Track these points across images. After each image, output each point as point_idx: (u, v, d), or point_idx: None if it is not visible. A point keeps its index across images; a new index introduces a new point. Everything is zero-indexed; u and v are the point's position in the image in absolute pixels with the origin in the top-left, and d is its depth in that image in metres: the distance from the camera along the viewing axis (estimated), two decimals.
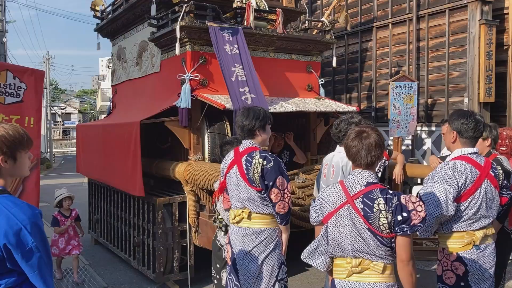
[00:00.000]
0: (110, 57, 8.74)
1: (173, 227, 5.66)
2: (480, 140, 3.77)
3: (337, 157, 3.94)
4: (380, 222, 2.37)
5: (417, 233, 2.73)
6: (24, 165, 2.22)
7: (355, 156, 2.50)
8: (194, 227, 5.52)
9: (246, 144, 3.59)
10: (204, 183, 5.02)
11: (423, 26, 9.15)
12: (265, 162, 3.42)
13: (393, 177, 5.09)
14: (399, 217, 2.36)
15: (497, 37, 8.31)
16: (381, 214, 2.37)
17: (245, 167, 3.48)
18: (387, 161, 4.77)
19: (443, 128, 4.48)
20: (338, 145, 4.02)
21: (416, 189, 7.14)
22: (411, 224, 2.36)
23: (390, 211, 2.37)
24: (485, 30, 8.06)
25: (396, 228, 2.37)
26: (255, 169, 3.42)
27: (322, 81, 7.15)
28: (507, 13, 8.45)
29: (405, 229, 2.36)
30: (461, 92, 8.49)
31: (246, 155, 3.50)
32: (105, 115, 9.20)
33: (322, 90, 7.14)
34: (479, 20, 8.14)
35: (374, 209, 2.38)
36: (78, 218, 6.46)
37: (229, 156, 3.71)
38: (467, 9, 8.30)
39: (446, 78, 8.71)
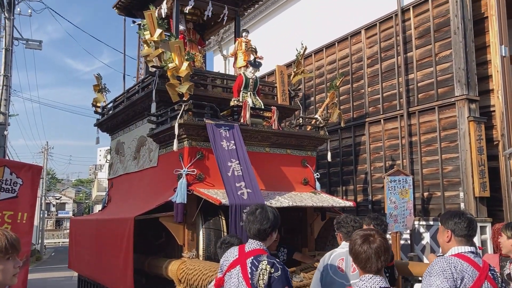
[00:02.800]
0: (109, 148, 8.89)
1: None
2: (505, 238, 3.75)
3: None
4: None
5: None
6: (6, 273, 2.05)
7: (365, 262, 2.46)
8: None
9: (253, 244, 3.36)
10: (198, 283, 4.84)
11: (414, 122, 9.45)
12: (272, 270, 3.23)
13: None
14: None
15: (486, 133, 8.57)
16: None
17: (249, 271, 3.28)
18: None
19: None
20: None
21: (417, 287, 6.88)
22: None
23: None
24: (474, 126, 8.33)
25: None
26: (261, 275, 3.23)
27: (317, 175, 7.21)
28: (494, 111, 8.79)
29: None
30: (456, 186, 8.54)
31: (252, 258, 3.27)
32: (100, 206, 9.13)
33: (318, 184, 7.18)
34: (467, 117, 8.44)
35: None
36: None
37: (232, 253, 3.49)
38: (455, 107, 8.64)
39: (440, 172, 8.82)
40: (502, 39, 8.73)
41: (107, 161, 8.84)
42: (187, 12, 7.64)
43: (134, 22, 8.81)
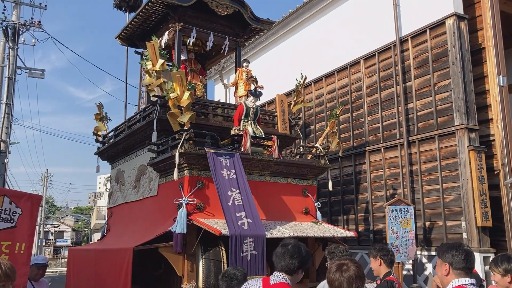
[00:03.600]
0: (109, 176, 8.87)
1: None
2: (499, 276, 3.65)
3: None
4: None
5: None
6: None
7: None
8: None
9: (279, 277, 3.21)
10: None
11: (414, 151, 9.46)
12: None
13: None
14: None
15: (487, 162, 8.56)
16: None
17: None
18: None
19: None
20: None
21: None
22: None
23: None
24: (475, 155, 8.33)
25: None
26: None
27: (318, 204, 7.18)
28: (494, 140, 8.81)
29: None
30: (458, 215, 8.48)
31: None
32: (99, 235, 9.04)
33: (319, 214, 7.13)
34: (467, 146, 8.45)
35: None
36: None
37: (255, 285, 3.38)
38: (455, 136, 8.67)
39: (442, 201, 8.77)
40: (499, 69, 8.84)
41: (107, 189, 8.81)
42: (190, 44, 7.76)
43: (136, 52, 8.93)
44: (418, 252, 8.87)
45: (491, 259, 7.95)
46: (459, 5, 9.07)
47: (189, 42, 7.62)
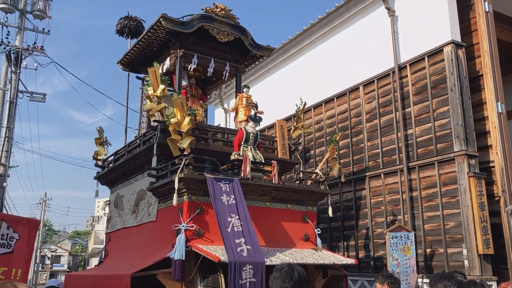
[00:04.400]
0: (108, 200, 8.83)
1: None
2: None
3: None
4: None
5: None
6: None
7: None
8: None
9: None
10: None
11: (414, 177, 9.44)
12: None
13: None
14: None
15: (487, 189, 8.54)
16: None
17: None
18: None
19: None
20: None
21: None
22: None
23: None
24: (475, 182, 8.31)
25: None
26: None
27: (318, 231, 7.12)
28: (494, 166, 8.81)
29: None
30: (459, 242, 8.40)
31: None
32: (97, 260, 8.93)
33: (319, 240, 7.07)
34: (467, 173, 8.44)
35: None
36: None
37: None
38: (455, 162, 8.67)
39: (442, 228, 8.70)
40: (498, 96, 8.91)
41: (105, 214, 8.75)
42: (191, 69, 7.84)
43: (138, 77, 9.01)
44: (419, 280, 8.75)
45: (493, 287, 7.90)
46: (457, 33, 9.21)
47: (191, 68, 7.70)
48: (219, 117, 16.17)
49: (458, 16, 9.33)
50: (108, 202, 8.76)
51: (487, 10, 9.31)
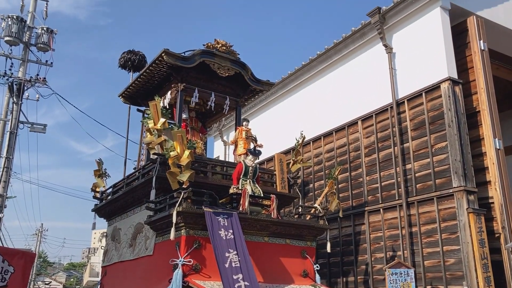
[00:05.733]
0: (104, 231, 8.76)
1: None
2: None
3: None
4: None
5: None
6: None
7: None
8: None
9: None
10: None
11: (413, 212, 9.39)
12: None
13: None
14: None
15: (487, 225, 8.48)
16: None
17: None
18: None
19: None
20: None
21: None
22: None
23: None
24: (474, 218, 8.27)
25: None
26: None
27: (317, 266, 7.04)
28: (493, 202, 8.79)
29: None
30: (459, 280, 8.28)
31: None
32: None
33: (317, 277, 6.98)
34: (467, 209, 8.41)
35: None
36: None
37: None
38: (453, 198, 8.64)
39: (442, 265, 8.59)
40: (495, 133, 8.99)
41: (102, 247, 8.65)
42: (192, 104, 7.92)
43: (138, 110, 9.10)
44: None
45: None
46: (453, 70, 9.37)
47: (192, 103, 7.79)
48: (219, 149, 16.21)
49: (455, 54, 9.51)
50: (105, 234, 8.68)
51: (482, 48, 9.50)
